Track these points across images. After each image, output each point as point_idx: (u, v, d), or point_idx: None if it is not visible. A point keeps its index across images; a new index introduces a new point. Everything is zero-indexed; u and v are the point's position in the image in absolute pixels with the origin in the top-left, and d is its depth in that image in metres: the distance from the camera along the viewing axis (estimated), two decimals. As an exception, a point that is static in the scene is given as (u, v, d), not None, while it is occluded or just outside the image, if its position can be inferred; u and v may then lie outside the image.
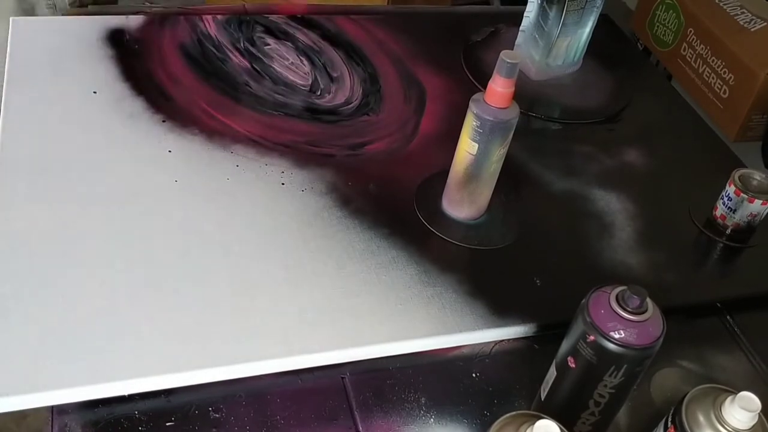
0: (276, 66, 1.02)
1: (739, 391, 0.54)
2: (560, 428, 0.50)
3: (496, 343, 0.75)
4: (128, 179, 0.82)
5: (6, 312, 0.67)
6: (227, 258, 0.76)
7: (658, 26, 1.50)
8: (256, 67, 1.01)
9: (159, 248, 0.75)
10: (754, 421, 0.54)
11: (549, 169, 0.96)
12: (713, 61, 1.24)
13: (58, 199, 0.78)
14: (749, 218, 0.88)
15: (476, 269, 0.81)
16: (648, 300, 0.64)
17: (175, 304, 0.70)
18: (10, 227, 0.74)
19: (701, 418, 0.55)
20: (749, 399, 0.54)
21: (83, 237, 0.75)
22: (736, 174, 0.88)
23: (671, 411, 0.57)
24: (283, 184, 0.85)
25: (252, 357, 0.67)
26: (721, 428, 0.54)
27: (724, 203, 0.89)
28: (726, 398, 0.55)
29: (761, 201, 0.86)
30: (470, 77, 1.07)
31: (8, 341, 0.65)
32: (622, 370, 0.59)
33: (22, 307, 0.68)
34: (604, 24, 1.17)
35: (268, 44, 1.05)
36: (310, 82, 1.01)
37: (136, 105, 0.91)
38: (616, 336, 0.63)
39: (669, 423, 0.57)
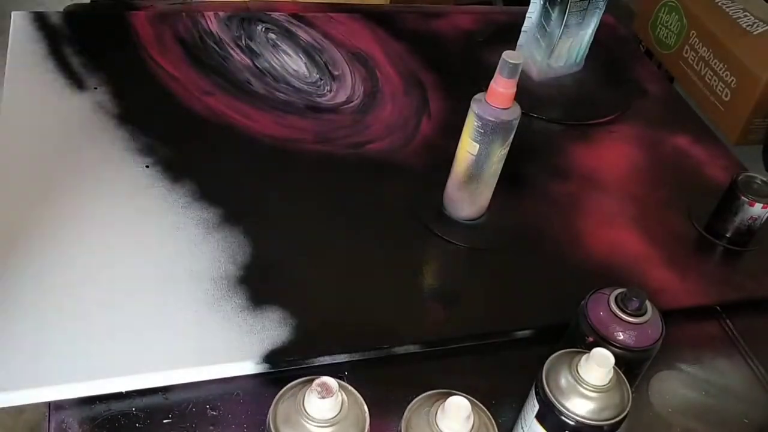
0: (277, 64, 1.02)
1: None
2: (471, 402, 0.51)
3: (501, 342, 0.75)
4: (127, 175, 0.82)
5: (4, 308, 0.67)
6: (224, 256, 0.76)
7: (660, 28, 1.50)
8: (257, 64, 1.01)
9: (157, 245, 0.75)
10: (611, 375, 0.55)
11: (549, 170, 0.96)
12: (715, 63, 1.24)
13: (56, 196, 0.78)
14: (749, 221, 0.88)
15: (475, 269, 0.80)
16: (647, 302, 0.64)
17: (173, 301, 0.70)
18: (9, 223, 0.74)
19: (562, 383, 0.56)
20: (602, 355, 0.55)
21: (81, 233, 0.75)
22: (737, 177, 0.88)
23: (533, 383, 0.58)
24: (283, 182, 0.85)
25: (248, 356, 0.67)
26: (581, 389, 0.55)
27: (724, 206, 0.89)
28: (581, 358, 0.56)
29: (762, 204, 0.86)
30: (472, 77, 1.07)
31: (6, 337, 0.65)
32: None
33: (21, 304, 0.67)
34: (606, 25, 1.17)
35: (270, 42, 1.05)
36: (311, 81, 1.01)
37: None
38: (615, 338, 0.63)
39: (535, 396, 0.58)
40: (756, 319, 0.83)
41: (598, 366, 0.55)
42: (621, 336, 0.63)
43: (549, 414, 0.57)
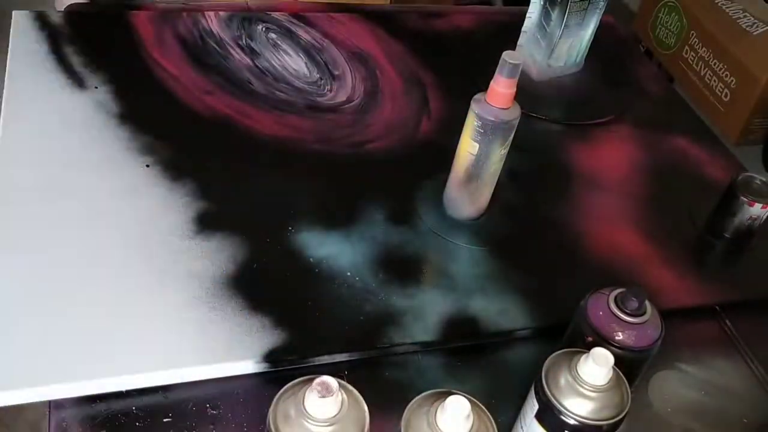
0: (278, 63, 1.02)
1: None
2: (470, 402, 0.51)
3: (501, 342, 0.75)
4: (127, 175, 0.82)
5: (4, 306, 0.67)
6: (224, 256, 0.76)
7: (660, 28, 1.50)
8: (257, 64, 1.01)
9: (157, 245, 0.75)
10: (610, 375, 0.55)
11: (549, 170, 0.96)
12: (715, 64, 1.24)
13: (57, 195, 0.78)
14: (749, 222, 0.88)
15: (476, 269, 0.80)
16: (647, 302, 0.64)
17: (173, 300, 0.70)
18: (9, 222, 0.74)
19: (562, 383, 0.56)
20: (602, 355, 0.55)
21: (81, 233, 0.75)
22: (737, 177, 0.88)
23: (533, 383, 0.59)
24: (283, 181, 0.85)
25: (248, 355, 0.67)
26: (581, 388, 0.56)
27: (724, 206, 0.89)
28: (581, 358, 0.56)
29: (761, 204, 0.86)
30: (472, 77, 1.07)
31: (7, 335, 0.65)
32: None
33: (20, 303, 0.68)
34: (606, 25, 1.17)
35: (270, 41, 1.05)
36: (311, 80, 1.01)
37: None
38: (615, 338, 0.63)
39: (534, 396, 0.58)
40: (756, 319, 0.83)
41: (597, 366, 0.55)
42: (620, 336, 0.63)
43: (548, 413, 0.57)
